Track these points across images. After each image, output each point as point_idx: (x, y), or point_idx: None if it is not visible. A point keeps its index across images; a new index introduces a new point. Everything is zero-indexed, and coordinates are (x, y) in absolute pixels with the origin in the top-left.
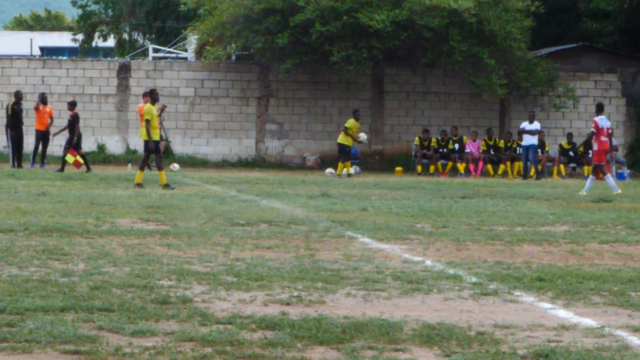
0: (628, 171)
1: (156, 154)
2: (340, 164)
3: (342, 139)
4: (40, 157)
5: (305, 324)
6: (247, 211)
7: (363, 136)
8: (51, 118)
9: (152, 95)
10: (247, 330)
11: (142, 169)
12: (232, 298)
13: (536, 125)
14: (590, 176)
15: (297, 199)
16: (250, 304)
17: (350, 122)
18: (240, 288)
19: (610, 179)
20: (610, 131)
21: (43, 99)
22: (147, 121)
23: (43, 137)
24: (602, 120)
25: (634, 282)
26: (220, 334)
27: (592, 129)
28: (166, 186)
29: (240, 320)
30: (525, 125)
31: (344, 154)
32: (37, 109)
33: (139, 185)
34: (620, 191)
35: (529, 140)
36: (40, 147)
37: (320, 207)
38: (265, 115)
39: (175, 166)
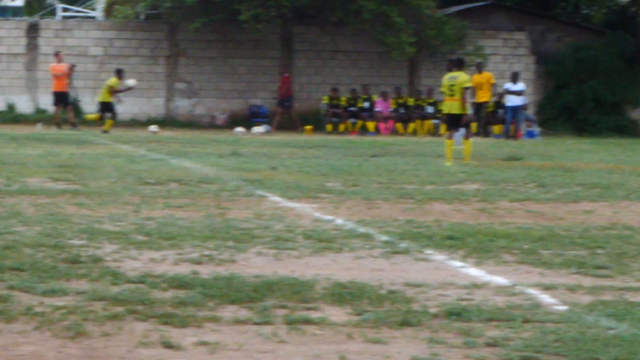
0: (538, 129)
1: None
2: (93, 116)
3: (103, 96)
4: None
5: (217, 282)
6: (157, 170)
7: (131, 82)
8: None
9: None
10: (159, 290)
11: None
12: (143, 257)
13: (520, 86)
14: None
15: (207, 157)
16: (161, 263)
17: (112, 81)
18: (151, 247)
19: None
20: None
21: None
22: None
23: None
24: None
25: (544, 240)
26: (132, 293)
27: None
28: None
29: (152, 279)
30: (510, 85)
31: (108, 111)
32: None
33: None
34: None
35: (514, 101)
36: None
37: (230, 166)
38: (174, 74)
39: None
